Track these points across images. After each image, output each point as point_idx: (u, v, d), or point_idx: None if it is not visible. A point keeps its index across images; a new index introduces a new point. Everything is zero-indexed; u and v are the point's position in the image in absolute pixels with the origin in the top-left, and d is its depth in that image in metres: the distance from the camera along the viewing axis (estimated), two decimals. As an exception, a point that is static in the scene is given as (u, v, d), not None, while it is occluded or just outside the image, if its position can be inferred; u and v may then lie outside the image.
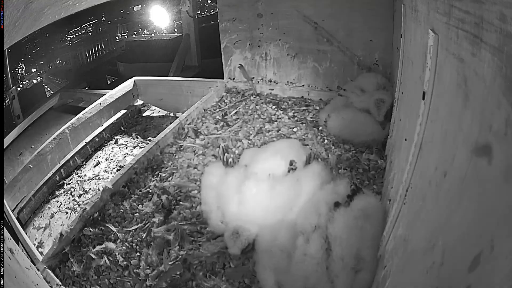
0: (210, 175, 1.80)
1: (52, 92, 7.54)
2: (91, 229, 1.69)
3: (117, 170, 2.49)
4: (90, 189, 2.42)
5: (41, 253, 1.66)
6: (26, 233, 1.80)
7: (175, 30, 8.40)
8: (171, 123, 2.44)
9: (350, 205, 1.36)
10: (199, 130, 2.41)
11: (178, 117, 2.58)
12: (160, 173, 2.03)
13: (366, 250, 1.23)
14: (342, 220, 1.30)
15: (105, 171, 2.58)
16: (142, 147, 2.66)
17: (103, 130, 2.96)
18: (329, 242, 1.28)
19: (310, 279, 1.24)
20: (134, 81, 3.32)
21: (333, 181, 1.59)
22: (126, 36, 9.53)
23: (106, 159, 2.71)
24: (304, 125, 2.36)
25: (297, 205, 1.51)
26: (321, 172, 1.69)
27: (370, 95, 2.12)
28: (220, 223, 1.60)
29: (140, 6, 9.29)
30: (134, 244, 1.61)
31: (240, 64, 2.93)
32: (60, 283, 1.44)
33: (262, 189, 1.60)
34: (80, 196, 2.37)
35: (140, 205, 1.82)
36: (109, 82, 8.28)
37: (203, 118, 2.57)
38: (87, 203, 1.80)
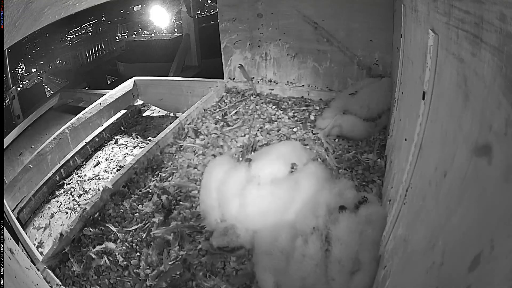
0: (218, 167, 1.80)
1: (52, 92, 7.53)
2: (91, 229, 1.69)
3: (117, 170, 2.49)
4: (90, 189, 2.42)
5: (41, 253, 1.66)
6: (26, 233, 1.80)
7: (175, 30, 8.39)
8: (171, 123, 2.44)
9: (356, 211, 1.36)
10: (199, 130, 2.41)
11: (178, 117, 2.58)
12: (160, 173, 2.03)
13: (365, 253, 1.23)
14: (346, 224, 1.30)
15: (105, 171, 2.58)
16: (142, 147, 2.66)
17: (103, 130, 2.96)
18: (329, 243, 1.28)
19: (308, 280, 1.24)
20: (134, 81, 3.32)
21: (333, 183, 1.59)
22: (126, 36, 9.53)
23: (106, 159, 2.71)
24: (304, 125, 2.37)
25: (295, 205, 1.52)
26: (318, 172, 1.69)
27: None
28: (219, 221, 1.61)
29: (140, 6, 9.28)
30: (134, 244, 1.61)
31: (240, 64, 2.93)
32: (60, 283, 1.44)
33: (262, 194, 1.60)
34: (80, 196, 2.37)
35: (140, 205, 1.82)
36: (109, 82, 8.27)
37: (203, 118, 2.57)
38: (87, 203, 1.80)
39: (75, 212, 2.21)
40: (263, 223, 1.49)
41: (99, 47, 9.01)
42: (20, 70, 7.65)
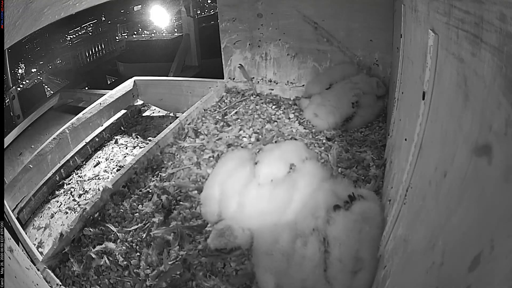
0: (228, 162, 1.81)
1: (52, 92, 7.53)
2: (91, 229, 1.68)
3: (117, 170, 2.49)
4: (90, 189, 2.42)
5: (41, 253, 1.66)
6: (26, 233, 1.80)
7: (175, 30, 8.39)
8: (171, 123, 2.44)
9: (350, 209, 1.36)
10: (199, 130, 2.41)
11: (178, 117, 2.58)
12: (160, 173, 2.03)
13: (365, 251, 1.23)
14: (342, 223, 1.30)
15: (105, 171, 2.58)
16: (142, 147, 2.66)
17: (103, 130, 2.96)
18: (328, 244, 1.28)
19: (307, 281, 1.24)
20: (134, 81, 3.32)
21: (332, 183, 1.58)
22: (126, 36, 9.52)
23: (106, 159, 2.71)
24: (304, 125, 2.37)
25: (294, 206, 1.51)
26: (316, 171, 1.69)
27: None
28: (217, 217, 1.62)
29: (140, 6, 9.27)
30: (134, 244, 1.61)
31: (240, 64, 2.93)
32: (60, 283, 1.44)
33: (260, 193, 1.60)
34: (80, 196, 2.37)
35: (140, 205, 1.82)
36: (109, 82, 8.27)
37: (203, 118, 2.57)
38: (87, 203, 1.80)
39: (75, 212, 2.21)
40: (261, 223, 1.49)
41: (99, 47, 9.01)
42: (20, 70, 7.64)
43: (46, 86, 8.00)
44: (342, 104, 2.27)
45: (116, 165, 2.61)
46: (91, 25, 9.24)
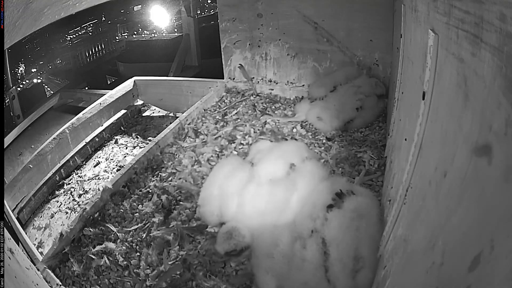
0: (225, 166, 1.80)
1: (52, 92, 7.53)
2: (91, 229, 1.69)
3: (117, 170, 2.49)
4: (90, 189, 2.42)
5: (41, 253, 1.66)
6: (26, 233, 1.80)
7: (175, 30, 8.39)
8: (171, 123, 2.44)
9: (342, 207, 1.35)
10: (199, 130, 2.41)
11: (178, 117, 2.58)
12: (160, 173, 2.03)
13: (364, 248, 1.23)
14: (337, 222, 1.29)
15: (105, 171, 2.58)
16: (142, 147, 2.66)
17: (103, 130, 2.96)
18: (326, 245, 1.27)
19: (309, 284, 1.24)
20: (134, 81, 3.32)
21: (330, 182, 1.58)
22: (126, 36, 9.53)
23: (106, 159, 2.71)
24: (304, 125, 2.37)
25: (293, 206, 1.51)
26: (316, 171, 1.68)
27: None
28: (217, 218, 1.61)
29: (140, 6, 9.27)
30: (134, 244, 1.61)
31: (240, 64, 2.93)
32: (60, 283, 1.44)
33: (260, 193, 1.59)
34: (80, 196, 2.37)
35: (140, 205, 1.82)
36: (109, 82, 8.28)
37: (203, 118, 2.57)
38: (87, 203, 1.80)
39: (75, 212, 2.21)
40: (261, 223, 1.49)
41: (99, 47, 9.01)
42: (20, 70, 7.64)
43: (46, 86, 8.01)
44: (346, 108, 2.26)
45: (116, 165, 2.61)
46: (91, 25, 9.24)
